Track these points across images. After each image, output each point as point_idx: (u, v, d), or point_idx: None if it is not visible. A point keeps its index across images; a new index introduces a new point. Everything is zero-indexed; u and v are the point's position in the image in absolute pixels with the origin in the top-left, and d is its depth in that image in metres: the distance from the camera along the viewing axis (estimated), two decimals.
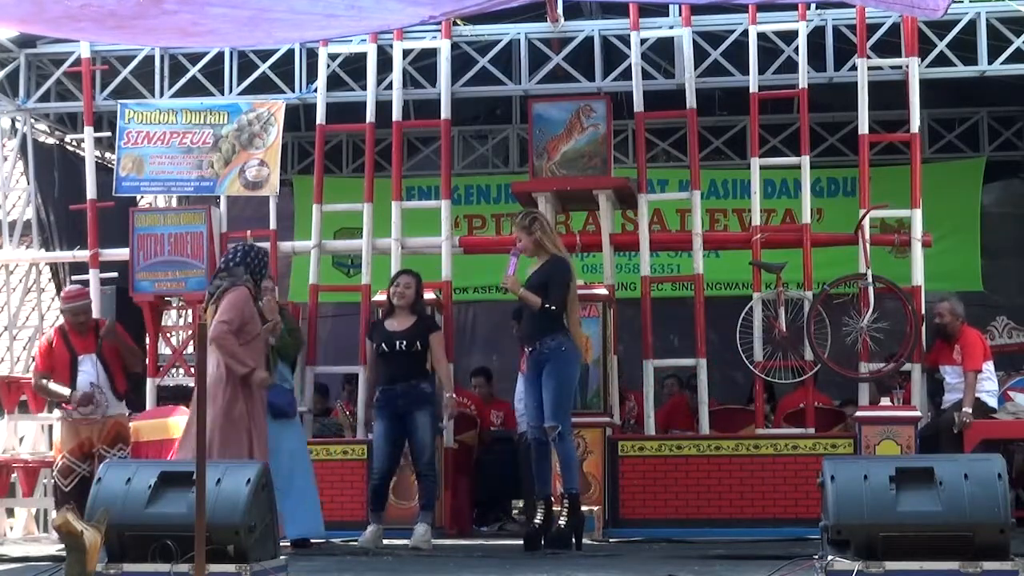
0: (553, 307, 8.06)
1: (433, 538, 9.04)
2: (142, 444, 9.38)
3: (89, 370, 9.33)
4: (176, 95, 11.27)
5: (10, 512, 11.75)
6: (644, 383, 10.31)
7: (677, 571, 6.71)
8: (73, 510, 5.35)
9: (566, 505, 8.13)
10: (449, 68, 10.85)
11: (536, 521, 8.11)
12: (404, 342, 8.70)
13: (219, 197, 11.01)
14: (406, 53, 11.04)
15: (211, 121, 10.81)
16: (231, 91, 11.23)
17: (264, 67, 11.22)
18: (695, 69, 10.68)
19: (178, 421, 9.78)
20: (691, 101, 10.63)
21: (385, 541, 8.71)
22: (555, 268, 8.21)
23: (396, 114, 10.93)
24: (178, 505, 5.52)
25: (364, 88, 11.04)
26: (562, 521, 8.13)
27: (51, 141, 12.63)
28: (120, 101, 11.10)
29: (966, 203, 13.17)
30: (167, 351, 11.73)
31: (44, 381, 9.44)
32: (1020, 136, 13.60)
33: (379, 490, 8.73)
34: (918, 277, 10.16)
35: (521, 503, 10.57)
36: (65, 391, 9.29)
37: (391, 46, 10.95)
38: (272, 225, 10.91)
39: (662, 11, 10.90)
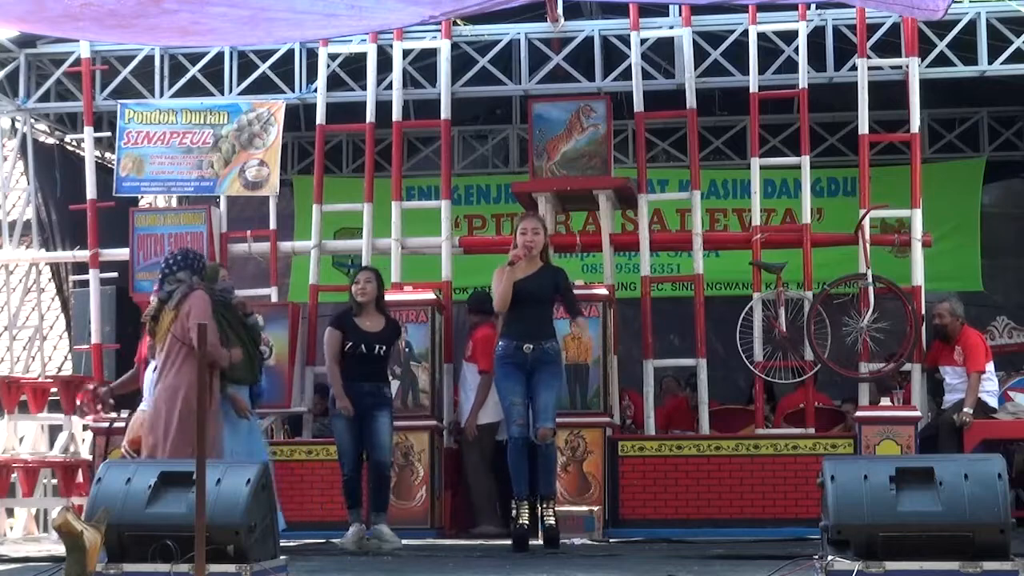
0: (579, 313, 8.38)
1: (433, 538, 9.06)
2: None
3: (151, 372, 9.13)
4: (176, 95, 11.27)
5: (10, 512, 11.75)
6: (644, 383, 10.31)
7: (677, 571, 6.71)
8: (73, 510, 5.34)
9: (552, 506, 8.22)
10: (449, 68, 10.85)
11: (522, 522, 8.11)
12: (384, 347, 8.69)
13: (219, 197, 11.01)
14: (406, 53, 11.04)
15: (211, 121, 10.81)
16: (231, 91, 11.23)
17: (264, 67, 11.22)
18: (695, 69, 10.69)
19: None
20: (691, 101, 10.63)
21: None
22: (564, 277, 8.37)
23: (396, 114, 10.93)
24: (178, 505, 5.51)
25: (364, 88, 11.04)
26: (551, 521, 8.19)
27: (51, 141, 12.63)
28: (120, 101, 11.10)
29: (966, 203, 13.17)
30: None
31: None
32: (1020, 136, 13.60)
33: (352, 486, 8.70)
34: (918, 277, 10.17)
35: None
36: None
37: (391, 46, 10.95)
38: (272, 225, 10.92)
39: (662, 11, 10.91)
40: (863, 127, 10.39)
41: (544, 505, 8.23)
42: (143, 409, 8.96)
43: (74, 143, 12.38)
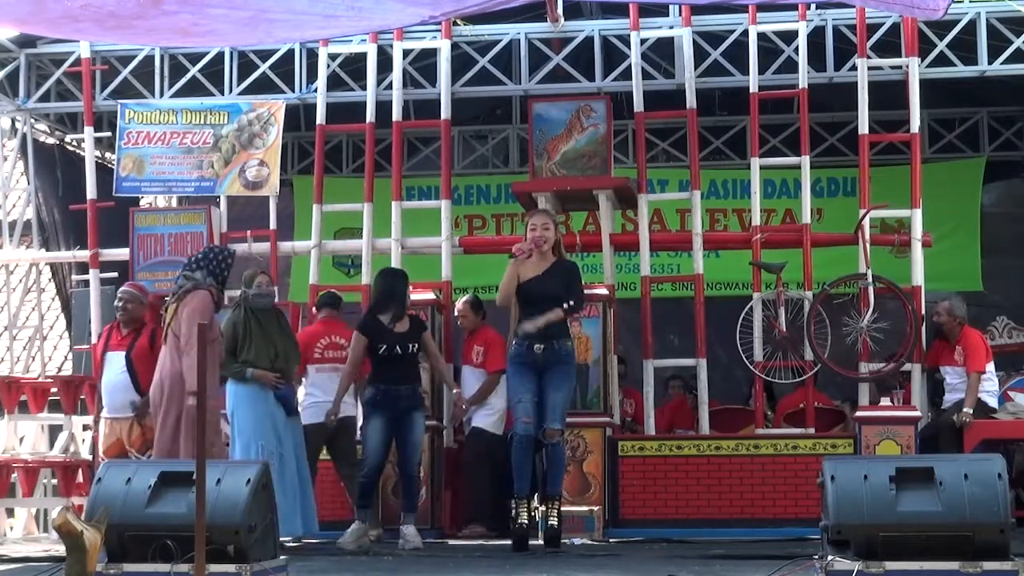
0: (576, 310, 8.31)
1: (433, 538, 9.06)
2: None
3: (115, 368, 9.17)
4: (176, 95, 11.27)
5: (10, 512, 11.75)
6: (644, 383, 10.31)
7: (677, 571, 6.71)
8: (73, 510, 5.34)
9: (557, 506, 8.22)
10: (449, 68, 10.85)
11: (522, 521, 8.11)
12: (415, 345, 8.67)
13: (219, 197, 11.02)
14: (406, 53, 11.05)
15: (211, 121, 10.82)
16: (231, 91, 11.23)
17: (264, 67, 11.22)
18: (695, 69, 10.68)
19: None
20: (691, 101, 10.63)
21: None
22: (575, 272, 8.34)
23: (396, 114, 10.93)
24: (178, 505, 5.52)
25: (364, 88, 11.04)
26: (554, 522, 8.19)
27: (51, 141, 12.63)
28: (120, 101, 11.11)
29: (966, 203, 13.18)
30: None
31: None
32: (1020, 136, 13.60)
33: (369, 487, 8.71)
34: (918, 277, 10.17)
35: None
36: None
37: (391, 46, 10.95)
38: (272, 225, 10.92)
39: (662, 11, 10.91)
40: (863, 127, 10.39)
41: (549, 504, 8.24)
42: (106, 416, 9.06)
43: (74, 143, 12.38)
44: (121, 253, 10.95)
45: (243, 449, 8.39)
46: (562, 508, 8.36)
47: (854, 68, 10.43)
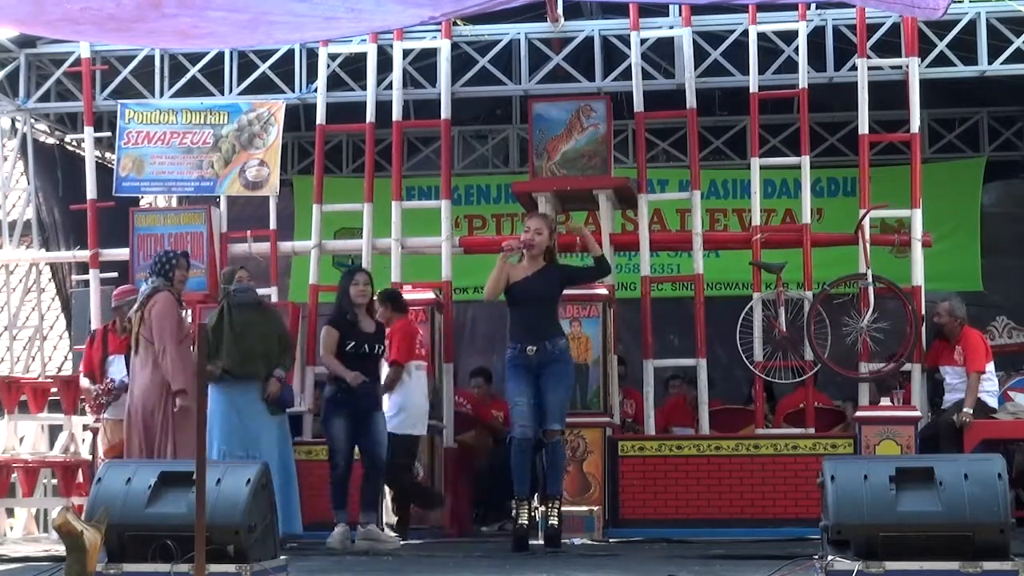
0: (603, 269, 8.57)
1: (434, 538, 9.06)
2: None
3: (118, 372, 9.26)
4: (176, 95, 11.27)
5: (10, 512, 11.75)
6: (644, 383, 10.31)
7: (677, 571, 6.71)
8: (73, 510, 5.34)
9: (557, 506, 8.24)
10: (449, 68, 10.85)
11: (522, 522, 8.12)
12: (380, 347, 8.83)
13: (219, 197, 11.02)
14: (406, 53, 11.05)
15: (211, 121, 10.81)
16: (231, 91, 11.23)
17: (264, 67, 11.22)
18: (695, 69, 10.69)
19: None
20: (691, 101, 10.63)
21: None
22: (565, 267, 8.59)
23: (396, 114, 10.93)
24: (178, 505, 5.52)
25: (364, 88, 11.04)
26: (554, 522, 8.21)
27: (51, 141, 12.63)
28: (120, 101, 11.10)
29: (966, 203, 13.18)
30: None
31: (85, 383, 9.67)
32: (1020, 136, 13.60)
33: (342, 484, 8.74)
34: (918, 277, 10.17)
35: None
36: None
37: (391, 46, 10.95)
38: (272, 225, 10.91)
39: (662, 11, 10.91)
40: (863, 127, 10.39)
41: (549, 504, 8.26)
42: (106, 417, 9.12)
43: (74, 143, 12.39)
44: (121, 253, 10.95)
45: (213, 450, 8.45)
46: (562, 508, 8.39)
47: (854, 68, 10.43)
